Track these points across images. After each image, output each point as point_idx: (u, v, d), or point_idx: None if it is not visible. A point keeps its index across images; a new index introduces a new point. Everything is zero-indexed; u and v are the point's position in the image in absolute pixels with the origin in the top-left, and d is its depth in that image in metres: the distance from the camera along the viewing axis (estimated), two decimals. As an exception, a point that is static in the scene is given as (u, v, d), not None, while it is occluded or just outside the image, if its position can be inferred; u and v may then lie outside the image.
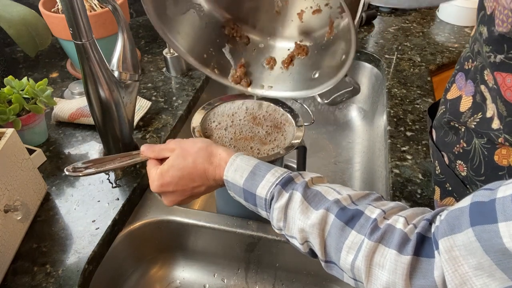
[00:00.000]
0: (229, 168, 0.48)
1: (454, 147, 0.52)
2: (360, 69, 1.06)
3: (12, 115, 0.66)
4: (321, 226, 0.41)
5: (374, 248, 0.38)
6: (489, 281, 0.30)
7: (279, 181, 0.45)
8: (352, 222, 0.40)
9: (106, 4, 0.59)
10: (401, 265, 0.36)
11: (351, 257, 0.39)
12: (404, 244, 0.37)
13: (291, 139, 0.60)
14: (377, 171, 0.82)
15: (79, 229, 0.59)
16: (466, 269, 0.32)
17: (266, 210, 0.46)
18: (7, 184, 0.54)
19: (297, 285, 0.71)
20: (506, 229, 0.29)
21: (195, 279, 0.72)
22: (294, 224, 0.43)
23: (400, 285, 0.35)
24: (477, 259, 0.31)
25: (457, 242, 0.32)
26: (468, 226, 0.32)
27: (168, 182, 0.50)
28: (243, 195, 0.47)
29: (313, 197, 0.43)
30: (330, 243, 0.41)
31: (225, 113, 0.65)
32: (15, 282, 0.53)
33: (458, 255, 0.32)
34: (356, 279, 0.40)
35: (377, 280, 0.37)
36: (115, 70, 0.63)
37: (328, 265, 0.43)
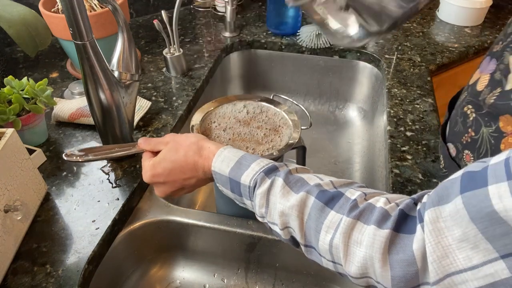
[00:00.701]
0: (216, 159, 0.49)
1: (462, 136, 0.53)
2: (360, 69, 1.06)
3: (12, 115, 0.66)
4: (301, 208, 0.41)
5: (352, 225, 0.37)
6: (472, 253, 0.29)
7: (263, 169, 0.45)
8: (332, 202, 0.40)
9: (106, 4, 0.59)
10: (379, 239, 0.35)
11: (329, 236, 0.39)
12: (384, 220, 0.36)
13: (287, 141, 0.60)
14: (377, 171, 0.82)
15: (79, 229, 0.59)
16: (450, 241, 0.30)
17: (250, 199, 0.46)
18: (7, 184, 0.54)
19: (297, 285, 0.71)
20: (496, 190, 0.28)
21: (195, 279, 0.72)
22: (275, 208, 0.43)
23: (377, 259, 0.35)
24: (462, 229, 0.30)
25: (443, 213, 0.32)
26: (458, 193, 0.31)
27: (159, 173, 0.52)
28: (229, 185, 0.48)
29: (295, 183, 0.44)
30: (309, 225, 0.41)
31: (226, 114, 0.65)
32: (15, 282, 0.53)
33: (443, 227, 0.31)
34: (335, 261, 0.40)
35: (355, 257, 0.37)
36: (115, 70, 0.63)
37: (308, 249, 0.42)
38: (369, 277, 0.37)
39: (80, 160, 0.56)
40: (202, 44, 1.07)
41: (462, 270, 0.30)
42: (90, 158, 0.57)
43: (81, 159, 0.56)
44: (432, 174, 0.69)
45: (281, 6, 1.03)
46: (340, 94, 1.13)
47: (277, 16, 1.05)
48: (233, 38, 1.09)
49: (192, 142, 0.52)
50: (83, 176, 0.68)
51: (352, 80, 1.09)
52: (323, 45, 1.04)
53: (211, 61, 1.00)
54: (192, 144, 0.52)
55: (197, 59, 1.00)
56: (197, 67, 0.97)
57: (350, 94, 1.12)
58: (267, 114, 0.66)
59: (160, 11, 0.87)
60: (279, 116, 0.65)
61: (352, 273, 0.37)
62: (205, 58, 1.01)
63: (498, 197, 0.28)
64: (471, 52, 1.06)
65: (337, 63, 1.07)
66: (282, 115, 0.65)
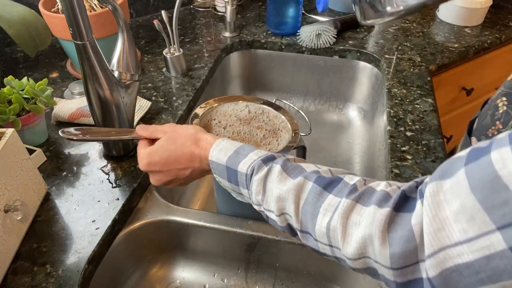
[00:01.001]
0: (214, 149, 0.49)
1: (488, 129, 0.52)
2: (360, 69, 1.06)
3: (12, 115, 0.66)
4: (297, 193, 0.41)
5: (351, 206, 0.37)
6: (468, 226, 0.29)
7: (261, 158, 0.46)
8: (331, 187, 0.40)
9: (106, 4, 0.59)
10: (379, 217, 0.35)
11: (327, 219, 0.38)
12: (384, 200, 0.36)
13: (284, 145, 0.60)
14: (377, 171, 0.82)
15: (79, 229, 0.59)
16: (447, 213, 0.30)
17: (247, 187, 0.46)
18: (7, 184, 0.54)
19: (297, 285, 0.71)
20: (499, 156, 0.28)
21: (195, 279, 0.72)
22: (272, 195, 0.43)
23: (376, 236, 0.34)
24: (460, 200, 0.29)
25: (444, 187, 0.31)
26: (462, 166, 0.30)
27: (155, 161, 0.52)
28: (226, 174, 0.48)
29: (292, 169, 0.44)
30: (306, 209, 0.40)
31: (227, 112, 0.66)
32: (15, 282, 0.53)
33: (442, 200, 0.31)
34: (332, 244, 0.39)
35: (353, 238, 0.36)
36: (115, 70, 0.63)
37: (304, 235, 0.42)
38: (368, 257, 0.36)
39: (74, 139, 0.56)
40: (202, 44, 1.07)
41: (457, 243, 0.29)
42: (87, 138, 0.57)
43: (76, 138, 0.56)
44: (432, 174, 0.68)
45: (281, 6, 1.03)
46: (340, 94, 1.13)
47: (277, 16, 1.05)
48: (233, 38, 1.09)
49: (190, 133, 0.52)
50: (83, 176, 0.68)
51: (352, 80, 1.09)
52: (323, 45, 1.04)
53: (211, 61, 1.00)
54: (190, 135, 0.52)
55: (197, 59, 1.00)
56: (197, 67, 0.97)
57: (350, 94, 1.12)
58: (268, 115, 0.66)
59: (160, 11, 0.87)
60: (279, 119, 0.65)
61: (350, 254, 0.37)
62: (205, 58, 1.01)
63: (502, 162, 0.27)
64: (471, 52, 1.06)
65: (337, 63, 1.07)
66: (283, 118, 0.65)
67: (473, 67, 1.13)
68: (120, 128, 0.58)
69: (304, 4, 1.12)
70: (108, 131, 0.59)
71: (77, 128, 0.57)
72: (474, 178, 0.29)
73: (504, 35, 1.12)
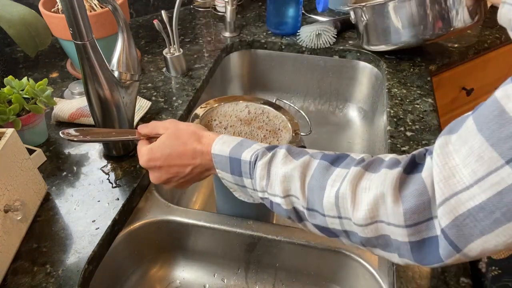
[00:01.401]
0: (217, 142, 0.49)
1: None
2: (360, 69, 1.06)
3: (12, 115, 0.66)
4: (303, 170, 0.41)
5: (361, 174, 0.37)
6: (477, 166, 0.29)
7: (264, 147, 0.46)
8: (338, 162, 0.40)
9: (106, 4, 0.59)
10: (390, 176, 0.34)
11: (335, 188, 0.38)
12: (394, 164, 0.36)
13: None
14: (377, 171, 0.82)
15: (79, 229, 0.59)
16: (457, 161, 0.30)
17: (250, 176, 0.46)
18: (7, 184, 0.54)
19: (297, 285, 0.71)
20: (504, 92, 0.28)
21: (195, 279, 0.72)
22: (277, 177, 0.43)
23: (388, 194, 0.34)
24: (469, 144, 0.29)
25: (452, 138, 0.32)
26: (469, 116, 0.31)
27: (157, 157, 0.52)
28: (229, 166, 0.47)
29: (297, 153, 0.44)
30: (313, 184, 0.40)
31: (227, 113, 0.66)
32: (15, 282, 0.53)
33: (451, 150, 0.31)
34: (341, 215, 0.38)
35: (363, 202, 0.36)
36: (115, 70, 0.63)
37: (311, 213, 0.41)
38: (380, 220, 0.35)
39: (75, 140, 0.56)
40: (202, 44, 1.07)
41: (468, 186, 0.29)
42: (87, 139, 0.57)
43: (77, 139, 0.56)
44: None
45: (281, 6, 1.03)
46: (340, 94, 1.13)
47: (277, 16, 1.05)
48: (233, 38, 1.09)
49: (193, 130, 0.52)
50: (83, 176, 0.68)
51: (352, 80, 1.09)
52: (323, 45, 1.04)
53: (211, 61, 1.00)
54: (193, 132, 0.52)
55: (197, 59, 1.00)
56: (197, 67, 0.97)
57: (350, 94, 1.12)
58: (268, 115, 0.66)
59: (160, 11, 0.87)
60: (280, 119, 0.65)
61: (361, 219, 0.36)
62: (205, 58, 1.01)
63: (507, 97, 0.28)
64: (471, 52, 1.06)
65: (337, 63, 1.07)
66: (283, 118, 0.65)
67: (473, 67, 1.13)
68: (120, 129, 0.58)
69: (304, 4, 1.11)
70: (109, 132, 0.59)
71: (77, 129, 0.57)
72: (481, 119, 0.29)
73: (504, 35, 1.12)
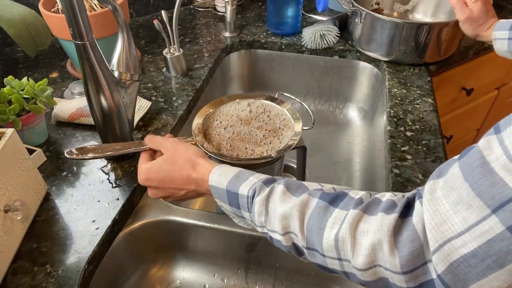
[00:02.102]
0: (214, 173, 0.50)
1: None
2: (360, 69, 1.06)
3: (12, 115, 0.66)
4: (302, 209, 0.41)
5: (359, 217, 0.37)
6: (467, 214, 0.30)
7: (262, 180, 0.46)
8: (336, 202, 0.40)
9: (106, 4, 0.59)
10: (387, 222, 0.35)
11: (335, 231, 0.38)
12: (391, 208, 0.37)
13: (287, 142, 0.60)
14: (377, 171, 0.82)
15: (79, 229, 0.59)
16: (447, 207, 0.31)
17: (248, 210, 0.46)
18: (7, 184, 0.54)
19: (297, 285, 0.71)
20: (487, 143, 0.30)
21: (195, 279, 0.72)
22: (275, 215, 0.43)
23: (385, 241, 0.35)
24: (456, 191, 0.31)
25: (440, 183, 0.33)
26: (455, 162, 0.32)
27: (152, 178, 0.54)
28: (227, 198, 0.48)
29: (296, 188, 0.44)
30: (311, 224, 0.40)
31: (229, 112, 0.65)
32: (15, 282, 0.53)
33: (440, 196, 0.32)
34: (341, 258, 0.39)
35: (362, 247, 0.36)
36: (115, 70, 0.63)
37: (310, 252, 0.42)
38: (378, 265, 0.36)
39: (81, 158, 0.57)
40: (202, 44, 1.07)
41: (460, 233, 0.30)
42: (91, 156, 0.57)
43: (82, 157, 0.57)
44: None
45: (281, 6, 1.03)
46: (340, 94, 1.13)
47: (277, 16, 1.05)
48: (233, 38, 1.09)
49: (189, 158, 0.53)
50: (83, 176, 0.68)
51: (352, 80, 1.09)
52: (327, 45, 1.04)
53: (211, 61, 1.00)
54: (189, 159, 0.53)
55: (197, 59, 1.00)
56: (197, 67, 0.97)
57: (350, 94, 1.12)
58: (270, 114, 0.66)
59: (160, 11, 0.87)
60: (281, 117, 0.65)
61: (360, 264, 0.37)
62: (205, 58, 1.01)
63: (489, 148, 0.29)
64: (471, 52, 1.06)
65: (337, 63, 1.07)
66: (285, 115, 0.65)
67: (473, 67, 1.13)
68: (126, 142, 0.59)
69: (304, 4, 1.11)
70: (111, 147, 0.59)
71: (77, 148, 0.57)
72: (466, 167, 0.31)
73: (504, 35, 1.12)
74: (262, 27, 1.13)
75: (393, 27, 0.90)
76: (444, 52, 0.96)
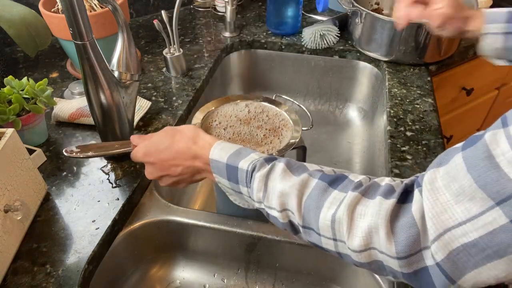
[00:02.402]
0: (215, 147, 0.49)
1: None
2: (360, 69, 1.06)
3: (12, 115, 0.66)
4: (301, 188, 0.41)
5: (357, 199, 0.37)
6: (470, 205, 0.30)
7: (263, 157, 0.46)
8: (336, 183, 0.40)
9: (106, 4, 0.59)
10: (385, 207, 0.35)
11: (332, 211, 0.38)
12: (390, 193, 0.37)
13: (287, 142, 0.60)
14: (377, 171, 0.82)
15: (79, 229, 0.59)
16: (448, 197, 0.31)
17: (246, 185, 0.46)
18: (7, 184, 0.54)
19: (297, 285, 0.71)
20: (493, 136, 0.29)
21: (195, 279, 0.72)
22: (274, 191, 0.43)
23: (382, 226, 0.35)
24: (458, 182, 0.31)
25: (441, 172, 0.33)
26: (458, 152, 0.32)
27: (151, 152, 0.53)
28: (226, 172, 0.48)
29: (296, 168, 0.44)
30: (309, 203, 0.40)
31: (227, 113, 0.66)
32: (15, 282, 0.53)
33: (440, 185, 0.32)
34: (336, 238, 0.39)
35: (358, 229, 0.37)
36: (115, 70, 0.63)
37: (306, 230, 0.42)
38: (373, 247, 0.36)
39: (81, 156, 0.57)
40: (202, 44, 1.07)
41: (461, 223, 0.30)
42: (90, 154, 0.58)
43: (82, 155, 0.57)
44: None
45: (281, 6, 1.03)
46: (340, 94, 1.13)
47: (277, 16, 1.05)
48: (233, 38, 1.09)
49: (189, 130, 0.53)
50: (83, 176, 0.68)
51: (352, 80, 1.09)
52: (327, 45, 1.04)
53: (211, 61, 1.00)
54: (189, 132, 0.53)
55: (197, 59, 1.00)
56: (197, 67, 0.97)
57: (350, 94, 1.12)
58: (268, 114, 0.66)
59: (160, 11, 0.87)
60: (280, 117, 0.65)
61: (356, 246, 0.37)
62: (205, 58, 1.01)
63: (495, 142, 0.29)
64: (471, 52, 1.06)
65: (337, 63, 1.07)
66: (284, 116, 0.65)
67: (473, 67, 1.13)
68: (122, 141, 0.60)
69: (304, 4, 1.11)
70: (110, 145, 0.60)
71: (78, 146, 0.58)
72: (470, 160, 0.30)
73: (504, 35, 1.12)
74: (262, 27, 1.13)
75: (393, 27, 0.90)
76: (444, 52, 0.96)
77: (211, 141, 0.51)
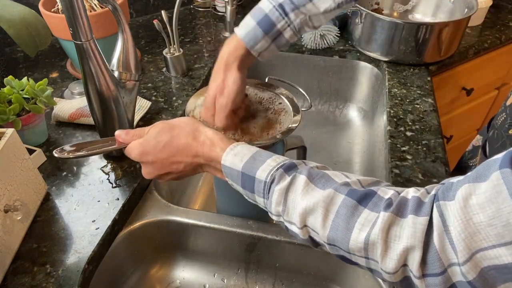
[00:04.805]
0: (228, 153, 0.46)
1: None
2: (360, 69, 1.06)
3: (12, 115, 0.66)
4: (327, 205, 0.39)
5: (391, 220, 0.36)
6: (504, 231, 0.29)
7: (281, 166, 0.43)
8: (365, 201, 0.38)
9: (106, 4, 0.59)
10: (419, 227, 0.34)
11: (364, 234, 0.37)
12: (419, 207, 0.35)
13: (286, 127, 0.59)
14: (377, 171, 0.82)
15: (79, 229, 0.59)
16: (481, 218, 0.30)
17: (264, 196, 0.44)
18: (7, 184, 0.54)
19: (297, 285, 0.71)
20: None
21: (195, 279, 0.72)
22: (295, 206, 0.41)
23: (419, 248, 0.34)
24: (496, 205, 0.29)
25: (477, 190, 0.31)
26: (496, 169, 0.30)
27: (148, 151, 0.50)
28: (240, 180, 0.45)
29: (319, 178, 0.41)
30: (338, 223, 0.38)
31: None
32: (15, 282, 0.53)
33: (475, 204, 0.30)
34: (369, 257, 0.38)
35: (394, 252, 0.35)
36: (115, 70, 0.63)
37: (332, 247, 0.40)
38: (406, 265, 0.36)
39: (71, 157, 0.52)
40: (202, 44, 1.07)
41: (495, 246, 0.29)
42: (82, 153, 0.53)
43: (72, 155, 0.52)
44: (432, 174, 0.69)
45: (281, 6, 1.03)
46: (340, 94, 1.13)
47: (277, 16, 1.05)
48: (233, 38, 1.09)
49: (187, 123, 0.50)
50: (83, 176, 0.68)
51: (352, 80, 1.09)
52: (327, 45, 1.04)
53: (211, 61, 1.00)
54: (187, 125, 0.50)
55: (197, 59, 1.00)
56: (197, 67, 0.97)
57: (350, 94, 1.12)
58: (263, 101, 0.65)
59: (160, 11, 0.87)
60: (276, 102, 0.64)
61: (390, 268, 0.36)
62: (205, 58, 1.01)
63: None
64: (471, 52, 1.06)
65: (337, 63, 1.07)
66: (280, 100, 0.64)
67: (473, 67, 1.13)
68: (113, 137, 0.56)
69: (304, 4, 1.11)
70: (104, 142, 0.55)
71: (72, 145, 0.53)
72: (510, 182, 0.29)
73: (504, 35, 1.12)
74: (262, 27, 1.13)
75: (393, 27, 0.90)
76: (444, 52, 0.96)
77: (211, 137, 0.48)
